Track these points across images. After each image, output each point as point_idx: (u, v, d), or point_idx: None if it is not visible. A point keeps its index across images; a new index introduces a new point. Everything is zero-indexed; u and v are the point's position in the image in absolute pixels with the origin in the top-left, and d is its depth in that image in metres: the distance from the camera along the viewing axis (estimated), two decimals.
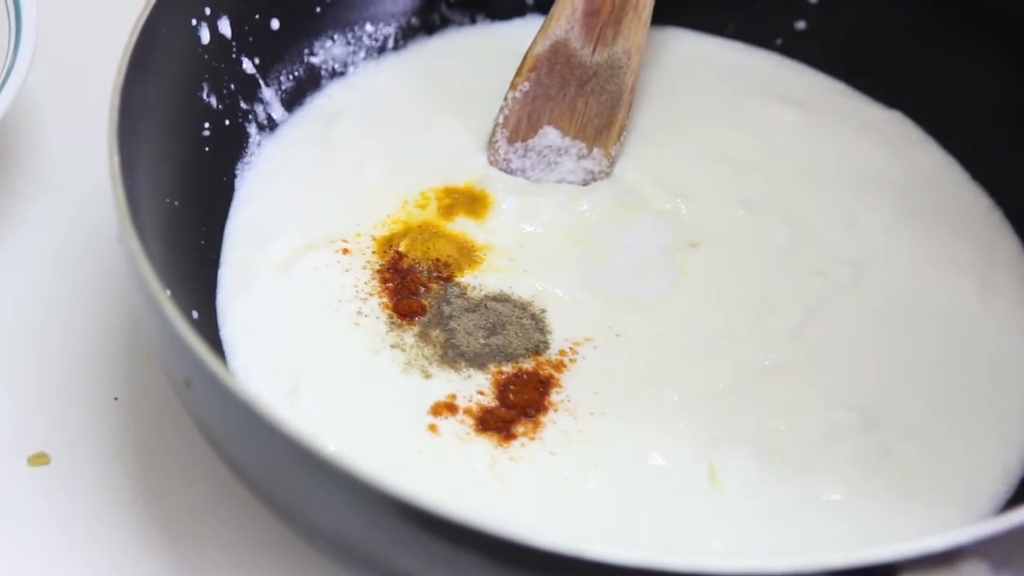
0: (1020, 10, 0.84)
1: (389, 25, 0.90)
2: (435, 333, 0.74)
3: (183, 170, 0.75)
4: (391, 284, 0.76)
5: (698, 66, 0.91)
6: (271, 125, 0.84)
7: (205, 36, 0.79)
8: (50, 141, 0.92)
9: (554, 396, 0.72)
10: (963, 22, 0.86)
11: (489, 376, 0.72)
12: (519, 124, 0.83)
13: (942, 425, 0.72)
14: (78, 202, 0.87)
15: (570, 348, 0.74)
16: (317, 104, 0.86)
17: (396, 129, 0.85)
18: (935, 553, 0.52)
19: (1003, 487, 0.70)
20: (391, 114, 0.86)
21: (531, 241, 0.79)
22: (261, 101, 0.83)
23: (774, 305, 0.76)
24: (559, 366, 0.73)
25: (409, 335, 0.74)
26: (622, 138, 0.84)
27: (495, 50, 0.89)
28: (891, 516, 0.67)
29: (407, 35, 0.90)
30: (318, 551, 0.65)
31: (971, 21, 0.86)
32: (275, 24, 0.84)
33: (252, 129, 0.83)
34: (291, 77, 0.86)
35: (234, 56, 0.82)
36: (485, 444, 0.69)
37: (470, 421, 0.70)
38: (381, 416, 0.70)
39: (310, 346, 0.73)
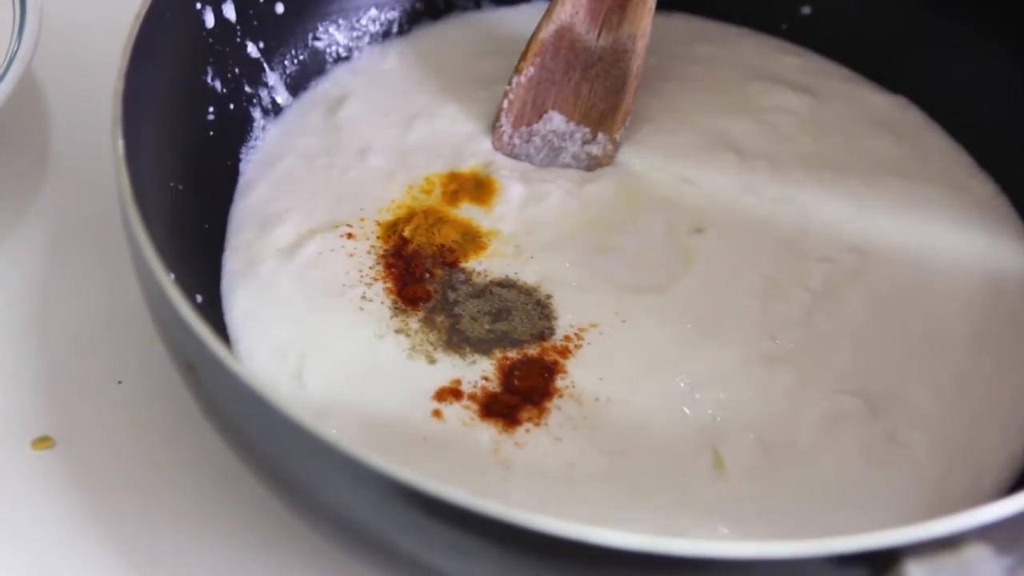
0: None
1: (394, 10, 0.90)
2: (440, 319, 0.74)
3: (187, 154, 0.75)
4: (396, 269, 0.76)
5: (703, 51, 0.91)
6: (275, 109, 0.84)
7: (209, 20, 0.79)
8: (54, 125, 0.92)
9: (559, 382, 0.72)
10: (968, 6, 0.86)
11: (494, 362, 0.72)
12: (524, 109, 0.83)
13: (947, 411, 0.71)
14: (82, 186, 0.87)
15: (575, 334, 0.74)
16: (322, 89, 0.86)
17: (401, 114, 0.85)
18: (939, 538, 0.52)
19: (1008, 473, 0.70)
20: (396, 99, 0.86)
21: (536, 227, 0.79)
22: (265, 85, 0.83)
23: (780, 291, 0.76)
24: (564, 352, 0.73)
25: (414, 320, 0.74)
26: (627, 123, 0.84)
27: (500, 35, 0.89)
28: (896, 502, 0.67)
29: (411, 20, 0.90)
30: (321, 535, 0.65)
31: (976, 5, 0.86)
32: (279, 8, 0.84)
33: (256, 113, 0.83)
34: (295, 61, 0.86)
35: (238, 40, 0.82)
36: (489, 430, 0.69)
37: (475, 407, 0.70)
38: (385, 401, 0.70)
39: (315, 331, 0.73)
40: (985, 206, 0.82)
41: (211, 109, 0.79)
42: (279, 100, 0.84)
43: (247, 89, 0.82)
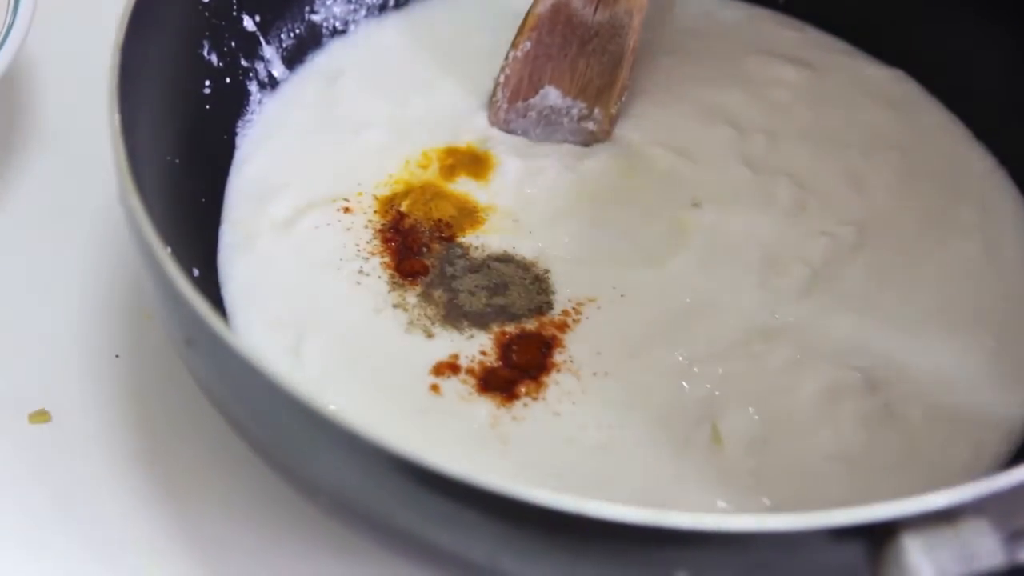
0: None
1: None
2: (438, 293, 0.74)
3: (184, 128, 0.75)
4: (393, 244, 0.76)
5: (700, 25, 0.91)
6: (272, 83, 0.84)
7: None
8: (50, 99, 0.92)
9: (557, 356, 0.72)
10: None
11: (492, 336, 0.72)
12: (520, 84, 0.83)
13: (946, 385, 0.72)
14: (79, 160, 0.87)
15: (573, 308, 0.74)
16: (318, 62, 0.86)
17: (397, 88, 0.85)
18: (936, 511, 0.52)
19: (1005, 447, 0.70)
20: (392, 73, 0.86)
21: (534, 202, 0.79)
22: (262, 59, 0.83)
23: (779, 265, 0.76)
24: (562, 326, 0.73)
25: (412, 295, 0.74)
26: (623, 98, 0.84)
27: (497, 9, 0.89)
28: (893, 476, 0.68)
29: None
30: (318, 508, 0.65)
31: None
32: None
33: (253, 87, 0.82)
34: (292, 35, 0.85)
35: (235, 13, 0.81)
36: (487, 404, 0.69)
37: (472, 381, 0.70)
38: (383, 375, 0.70)
39: (312, 305, 0.73)
40: (984, 179, 0.82)
41: (207, 83, 0.79)
42: (276, 74, 0.84)
43: (243, 63, 0.82)
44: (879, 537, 0.52)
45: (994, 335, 0.74)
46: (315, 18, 0.86)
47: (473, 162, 0.81)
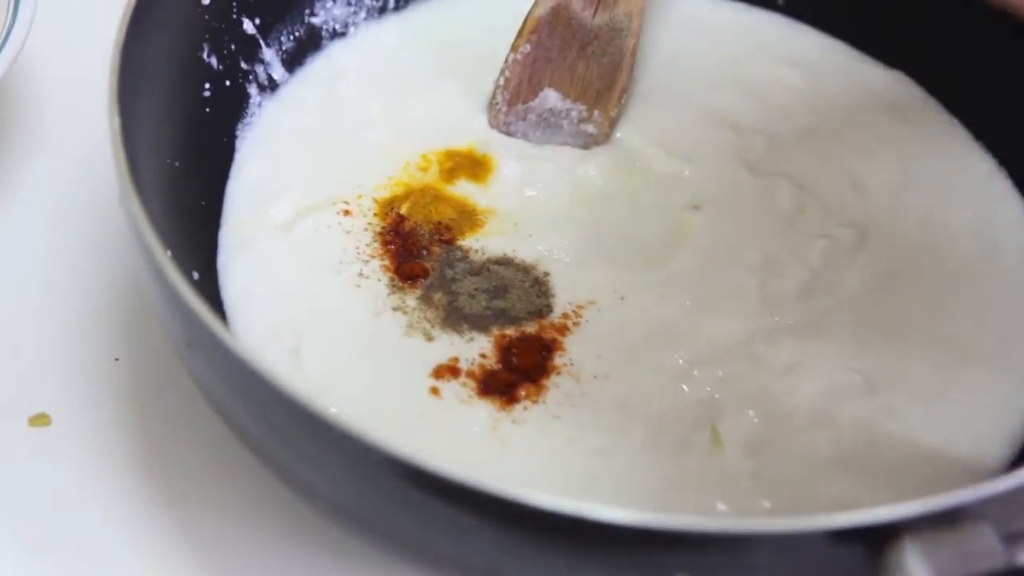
0: None
1: None
2: (437, 296, 0.74)
3: (184, 131, 0.75)
4: (393, 247, 0.76)
5: (700, 27, 0.91)
6: (272, 86, 0.84)
7: None
8: (50, 102, 0.92)
9: (557, 359, 0.72)
10: None
11: (492, 339, 0.72)
12: (520, 86, 0.83)
13: (946, 388, 0.71)
14: (78, 163, 0.87)
15: (573, 311, 0.74)
16: (318, 65, 0.86)
17: (397, 90, 0.85)
18: (938, 513, 0.52)
19: (1007, 449, 0.69)
20: (392, 75, 0.86)
21: (534, 205, 0.79)
22: (262, 62, 0.83)
23: (779, 267, 0.76)
24: (562, 329, 0.73)
25: (411, 298, 0.74)
26: (623, 101, 0.84)
27: (496, 11, 0.89)
28: (893, 478, 0.67)
29: None
30: (317, 511, 0.65)
31: None
32: None
33: (253, 90, 0.82)
34: (292, 37, 0.85)
35: (234, 16, 0.81)
36: (487, 407, 0.69)
37: (472, 384, 0.70)
38: (383, 378, 0.70)
39: (311, 308, 0.73)
40: (983, 181, 0.82)
41: (207, 85, 0.79)
42: (275, 77, 0.84)
43: (243, 66, 0.82)
44: (880, 540, 0.53)
45: (994, 336, 0.74)
46: (315, 21, 0.86)
47: (473, 165, 0.81)
